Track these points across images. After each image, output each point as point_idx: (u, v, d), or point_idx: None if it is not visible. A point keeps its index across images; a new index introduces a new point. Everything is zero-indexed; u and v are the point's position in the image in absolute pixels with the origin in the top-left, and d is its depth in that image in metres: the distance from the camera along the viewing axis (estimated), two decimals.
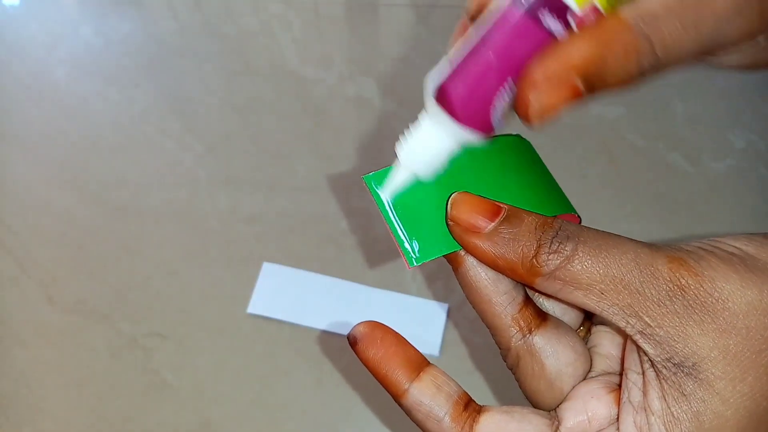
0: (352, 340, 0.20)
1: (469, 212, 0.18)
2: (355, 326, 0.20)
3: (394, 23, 0.64)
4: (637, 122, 0.56)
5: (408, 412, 0.20)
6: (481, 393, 0.45)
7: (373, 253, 0.51)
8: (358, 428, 0.45)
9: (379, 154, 0.56)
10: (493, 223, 0.18)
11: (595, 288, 0.17)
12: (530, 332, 0.20)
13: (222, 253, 0.51)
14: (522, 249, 0.17)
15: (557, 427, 0.19)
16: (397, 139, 0.21)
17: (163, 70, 0.61)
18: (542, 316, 0.20)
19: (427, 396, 0.19)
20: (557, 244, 0.17)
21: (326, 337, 0.47)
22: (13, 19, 0.65)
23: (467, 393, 0.20)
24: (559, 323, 0.20)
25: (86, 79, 0.61)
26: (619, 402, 0.18)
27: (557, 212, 0.21)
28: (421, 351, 0.21)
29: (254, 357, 0.47)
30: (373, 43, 0.63)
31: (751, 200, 0.54)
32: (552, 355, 0.20)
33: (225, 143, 0.57)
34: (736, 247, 0.17)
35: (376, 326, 0.20)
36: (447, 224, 0.19)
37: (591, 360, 0.21)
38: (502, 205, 0.18)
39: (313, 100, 0.59)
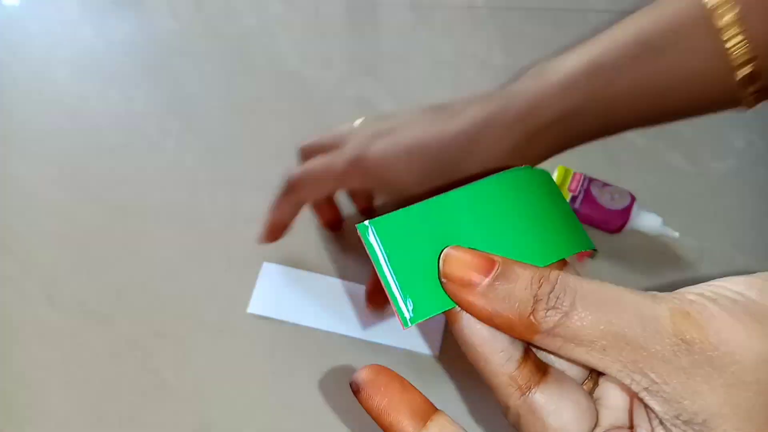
0: (354, 388, 0.19)
1: (461, 268, 0.18)
2: (357, 372, 0.19)
3: (394, 23, 0.64)
4: None
5: None
6: (479, 394, 0.45)
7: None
8: (358, 428, 0.45)
9: None
10: (487, 279, 0.17)
11: (597, 345, 0.16)
12: (529, 390, 0.19)
13: (222, 253, 0.51)
14: (519, 306, 0.17)
15: None
16: None
17: (163, 70, 0.61)
18: (543, 370, 0.19)
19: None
20: (555, 300, 0.17)
21: (326, 337, 0.47)
22: (13, 19, 0.65)
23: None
24: (561, 377, 0.20)
25: (86, 79, 0.61)
26: None
27: (573, 250, 0.20)
28: (421, 351, 0.21)
29: (254, 357, 0.47)
30: (374, 43, 0.63)
31: (752, 200, 0.54)
32: (554, 412, 0.19)
33: (225, 143, 0.57)
34: (737, 292, 0.16)
35: (379, 371, 0.19)
36: (440, 281, 0.18)
37: (597, 414, 0.20)
38: (496, 259, 0.18)
39: (313, 100, 0.59)
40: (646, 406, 0.17)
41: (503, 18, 0.64)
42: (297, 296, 0.48)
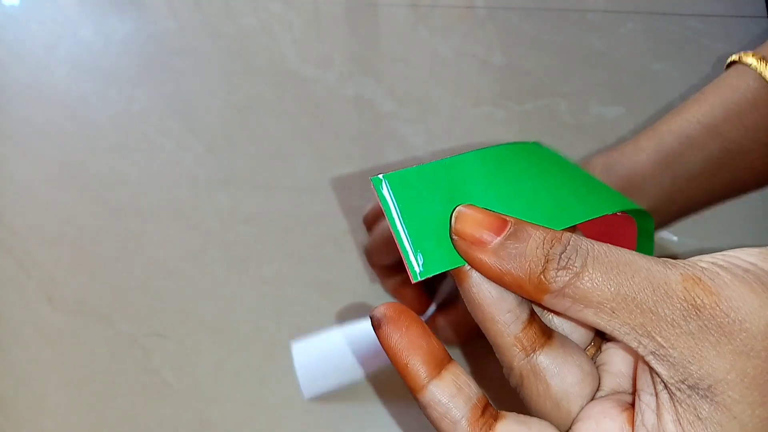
0: (375, 323, 0.19)
1: (473, 226, 0.18)
2: (378, 307, 0.19)
3: (394, 23, 0.64)
4: (637, 122, 0.56)
5: (423, 408, 0.19)
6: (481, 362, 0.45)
7: None
8: (359, 428, 0.45)
9: (379, 154, 0.56)
10: (499, 238, 0.17)
11: (606, 306, 0.16)
12: (534, 351, 0.19)
13: (222, 253, 0.51)
14: (529, 265, 0.17)
15: None
16: (398, 139, 0.21)
17: (162, 69, 0.61)
18: (548, 334, 0.19)
19: (446, 396, 0.19)
20: (566, 260, 0.17)
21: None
22: (12, 19, 0.65)
23: (486, 396, 0.20)
24: (565, 341, 0.20)
25: (86, 78, 0.61)
26: (632, 423, 0.18)
27: (592, 214, 0.20)
28: None
29: (254, 357, 0.47)
30: (373, 43, 0.63)
31: (751, 200, 0.54)
32: (557, 374, 0.19)
33: (225, 143, 0.57)
34: (751, 263, 0.16)
35: (402, 312, 0.19)
36: (451, 238, 0.18)
37: (600, 379, 0.20)
38: (508, 219, 0.18)
39: (313, 100, 0.59)
40: (651, 370, 0.17)
41: (503, 18, 0.64)
42: (341, 356, 0.45)
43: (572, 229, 0.21)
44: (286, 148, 0.56)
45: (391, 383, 0.46)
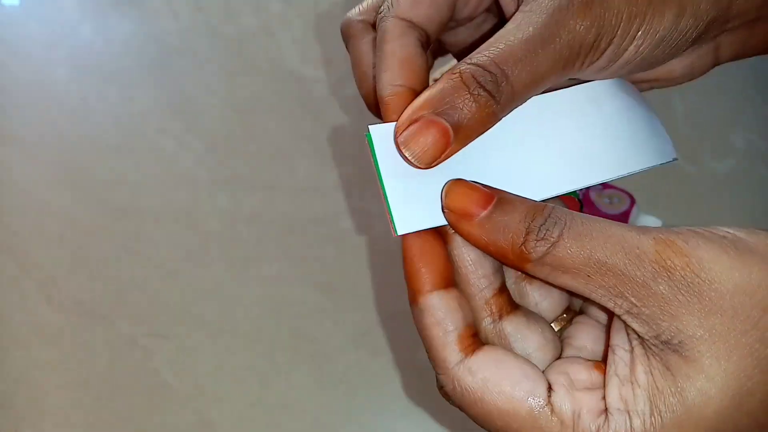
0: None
1: (462, 200, 0.19)
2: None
3: None
4: None
5: (419, 313, 0.20)
6: None
7: (374, 253, 0.51)
8: (359, 428, 0.45)
9: None
10: (485, 212, 0.18)
11: (581, 272, 0.17)
12: (500, 318, 0.20)
13: (222, 253, 0.51)
14: (512, 237, 0.18)
15: (549, 387, 0.19)
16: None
17: (163, 69, 0.61)
18: (514, 305, 0.21)
19: (445, 307, 0.19)
20: (544, 232, 0.18)
21: (326, 338, 0.47)
22: (12, 18, 0.65)
23: (478, 327, 0.21)
24: (529, 313, 0.21)
25: (86, 79, 0.61)
26: (604, 371, 0.19)
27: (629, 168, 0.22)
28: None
29: (254, 357, 0.47)
30: None
31: (752, 200, 0.54)
32: (520, 340, 0.20)
33: (225, 143, 0.57)
34: (728, 231, 0.17)
35: (427, 232, 0.20)
36: (442, 211, 0.19)
37: (561, 349, 0.21)
38: (494, 193, 0.19)
39: (313, 100, 0.59)
40: (627, 326, 0.18)
41: None
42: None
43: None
44: (286, 148, 0.56)
45: (390, 385, 0.46)
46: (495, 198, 0.18)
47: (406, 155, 0.19)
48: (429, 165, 0.19)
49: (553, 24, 0.19)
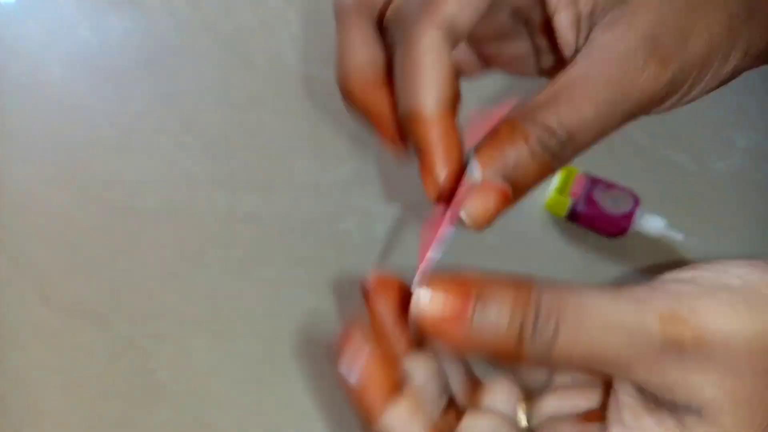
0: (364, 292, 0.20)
1: (436, 309, 0.16)
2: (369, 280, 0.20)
3: None
4: (641, 121, 0.56)
5: None
6: None
7: (374, 253, 0.51)
8: (358, 429, 0.45)
9: (379, 153, 0.55)
10: (465, 317, 0.16)
11: (583, 366, 0.16)
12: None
13: (220, 254, 0.51)
14: (503, 338, 0.16)
15: None
16: None
17: (160, 68, 0.61)
18: (460, 414, 0.20)
19: (403, 419, 0.19)
20: (539, 332, 0.16)
21: (325, 338, 0.47)
22: (9, 17, 0.64)
23: (450, 394, 0.20)
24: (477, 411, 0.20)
25: (83, 77, 0.60)
26: (597, 417, 0.18)
27: None
28: None
29: (252, 358, 0.47)
30: None
31: (755, 200, 0.54)
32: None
33: (223, 142, 0.56)
34: (737, 275, 0.16)
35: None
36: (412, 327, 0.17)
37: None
38: (470, 287, 0.16)
39: (312, 98, 0.59)
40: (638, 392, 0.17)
41: None
42: None
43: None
44: (284, 148, 0.56)
45: None
46: (472, 296, 0.16)
47: (462, 216, 0.18)
48: (483, 227, 0.18)
49: (627, 83, 0.18)
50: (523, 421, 0.20)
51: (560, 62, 0.22)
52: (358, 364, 0.19)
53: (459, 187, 0.19)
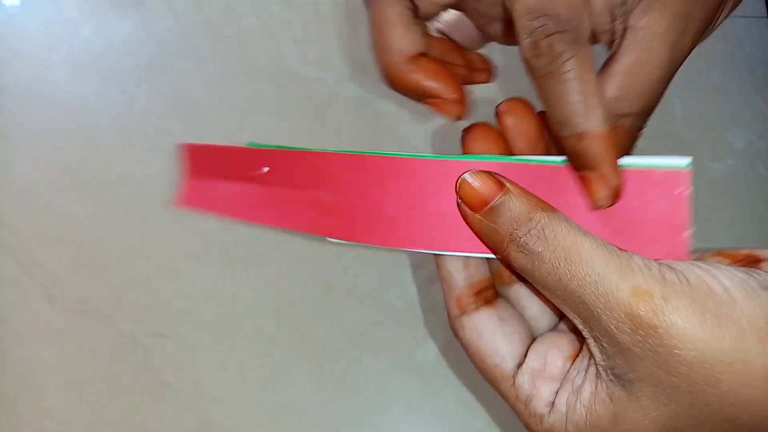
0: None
1: (467, 193, 0.20)
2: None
3: None
4: None
5: (437, 266, 0.22)
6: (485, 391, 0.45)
7: (374, 253, 0.51)
8: (359, 427, 0.45)
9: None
10: (485, 208, 0.19)
11: (557, 294, 0.18)
12: (509, 284, 0.23)
13: (222, 253, 0.51)
14: (501, 239, 0.19)
15: (522, 361, 0.20)
16: (398, 139, 0.22)
17: (163, 70, 0.61)
18: (492, 301, 0.22)
19: (452, 266, 0.21)
20: (525, 243, 0.18)
21: (326, 337, 0.47)
22: (13, 19, 0.65)
23: (490, 280, 0.22)
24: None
25: (87, 79, 0.61)
26: (573, 360, 0.20)
27: None
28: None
29: (255, 357, 0.47)
30: None
31: (751, 201, 0.54)
32: (523, 307, 0.23)
33: (225, 143, 0.57)
34: (725, 287, 0.17)
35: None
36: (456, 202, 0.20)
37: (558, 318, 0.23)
38: (503, 187, 0.19)
39: (314, 100, 0.59)
40: (588, 349, 0.19)
41: None
42: None
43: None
44: None
45: (390, 385, 0.46)
46: (499, 195, 0.19)
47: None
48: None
49: (673, 60, 0.22)
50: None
51: None
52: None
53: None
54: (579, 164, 0.20)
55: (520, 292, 0.22)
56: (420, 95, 0.25)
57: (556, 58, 0.20)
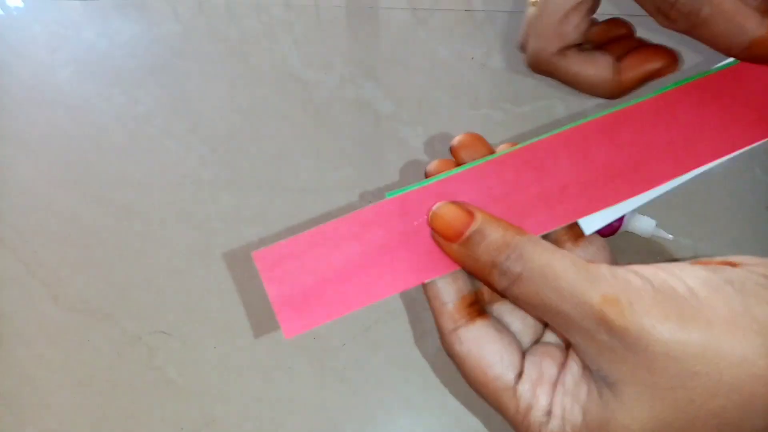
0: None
1: (441, 225, 0.21)
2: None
3: (394, 26, 0.65)
4: None
5: (424, 287, 0.22)
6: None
7: None
8: (360, 424, 0.45)
9: (380, 156, 0.56)
10: (461, 239, 0.20)
11: (537, 309, 0.19)
12: (491, 302, 0.23)
13: (225, 253, 0.51)
14: (481, 266, 0.20)
15: (522, 371, 0.21)
16: (397, 140, 0.22)
17: (166, 72, 0.62)
18: (481, 314, 0.22)
19: (442, 281, 0.22)
20: (506, 268, 0.19)
21: (328, 335, 0.48)
22: (16, 21, 0.65)
23: (481, 293, 0.23)
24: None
25: (90, 80, 0.61)
26: (563, 369, 0.21)
27: None
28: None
29: (257, 354, 0.47)
30: (374, 45, 0.63)
31: (747, 202, 0.54)
32: (507, 321, 0.23)
33: (227, 144, 0.57)
34: (689, 287, 0.18)
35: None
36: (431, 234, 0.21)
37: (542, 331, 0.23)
38: (475, 215, 0.20)
39: (314, 102, 0.60)
40: (576, 353, 0.20)
41: (501, 21, 0.64)
42: None
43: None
44: (287, 150, 0.57)
45: (390, 381, 0.47)
46: (473, 223, 0.20)
47: None
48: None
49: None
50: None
51: None
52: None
53: None
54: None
55: (501, 308, 0.23)
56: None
57: None
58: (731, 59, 0.23)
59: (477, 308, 0.22)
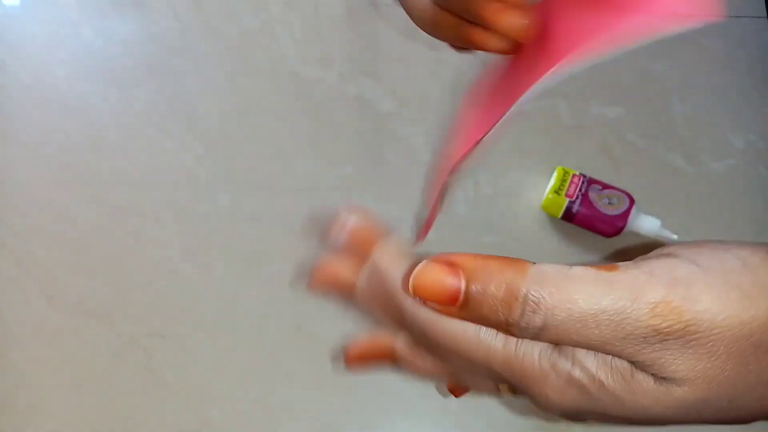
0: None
1: (431, 294, 0.17)
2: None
3: (394, 23, 0.64)
4: (637, 122, 0.56)
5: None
6: None
7: None
8: (358, 427, 0.45)
9: (379, 154, 0.56)
10: (456, 305, 0.17)
11: (576, 344, 0.17)
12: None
13: (222, 253, 0.51)
14: (495, 323, 0.17)
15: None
16: (398, 139, 0.22)
17: (163, 70, 0.61)
18: None
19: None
20: (527, 322, 0.17)
21: (326, 338, 0.47)
22: (13, 19, 0.65)
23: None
24: None
25: (87, 79, 0.61)
26: None
27: None
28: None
29: (254, 357, 0.47)
30: (374, 43, 0.63)
31: (750, 200, 0.54)
32: None
33: (225, 143, 0.57)
34: (740, 257, 0.17)
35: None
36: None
37: None
38: (459, 277, 0.17)
39: (314, 100, 0.59)
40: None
41: None
42: None
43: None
44: (286, 149, 0.56)
45: (390, 384, 0.46)
46: (461, 292, 0.17)
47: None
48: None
49: None
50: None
51: None
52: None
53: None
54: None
55: None
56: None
57: None
58: None
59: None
